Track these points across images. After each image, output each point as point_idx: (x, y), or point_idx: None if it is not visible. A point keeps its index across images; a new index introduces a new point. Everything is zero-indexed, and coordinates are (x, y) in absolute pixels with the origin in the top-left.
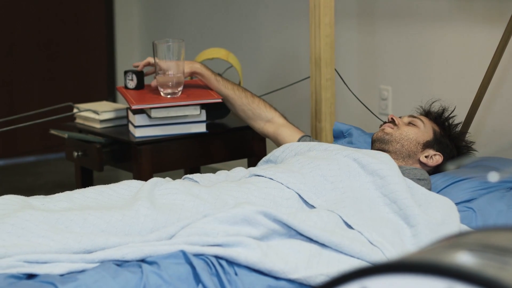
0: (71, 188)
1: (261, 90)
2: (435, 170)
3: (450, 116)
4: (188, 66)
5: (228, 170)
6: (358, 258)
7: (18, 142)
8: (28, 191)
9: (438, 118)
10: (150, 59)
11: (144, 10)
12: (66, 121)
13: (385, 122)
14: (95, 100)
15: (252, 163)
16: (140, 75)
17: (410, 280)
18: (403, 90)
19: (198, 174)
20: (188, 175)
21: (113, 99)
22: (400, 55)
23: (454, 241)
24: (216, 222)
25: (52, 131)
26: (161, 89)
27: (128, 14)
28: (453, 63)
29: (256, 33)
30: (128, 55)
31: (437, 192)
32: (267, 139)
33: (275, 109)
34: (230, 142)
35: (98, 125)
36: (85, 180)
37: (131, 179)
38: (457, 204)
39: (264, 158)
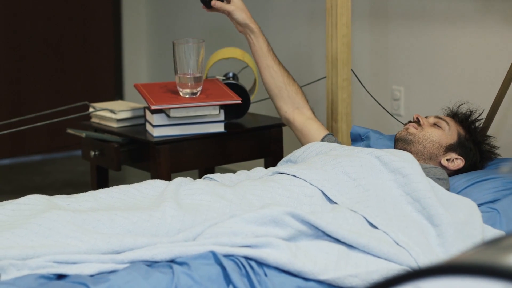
0: (80, 186)
1: None
2: (455, 173)
3: (477, 119)
4: (252, 20)
5: (243, 170)
6: (385, 259)
7: (26, 141)
8: (37, 190)
9: (464, 120)
10: None
11: (151, 9)
12: (81, 120)
13: (410, 121)
14: (103, 99)
15: (269, 163)
16: None
17: (465, 282)
18: (416, 91)
19: (218, 174)
20: (208, 175)
21: (120, 98)
22: (413, 55)
23: (505, 243)
24: (243, 222)
25: (69, 130)
26: (180, 89)
27: (135, 13)
28: (466, 64)
29: (267, 32)
30: (136, 54)
31: (459, 192)
32: (284, 139)
33: (307, 101)
34: (247, 142)
35: (114, 124)
36: (100, 179)
37: (148, 178)
38: (480, 204)
39: (284, 158)
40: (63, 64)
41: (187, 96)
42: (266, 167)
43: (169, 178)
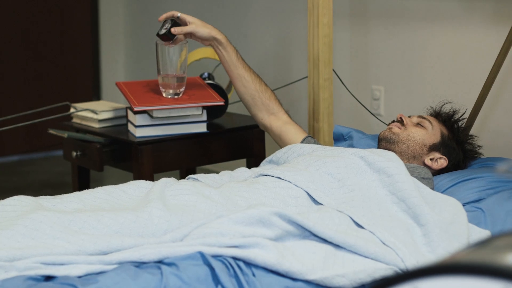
0: (59, 187)
1: None
2: (438, 172)
3: (460, 118)
4: (215, 31)
5: (227, 171)
6: (372, 259)
7: (4, 141)
8: (16, 191)
9: (447, 120)
10: (174, 12)
11: (129, 8)
12: (62, 120)
13: (393, 121)
14: (80, 99)
15: (252, 163)
16: (175, 25)
17: (464, 281)
18: (396, 90)
19: (202, 175)
20: (192, 176)
21: (98, 97)
22: (393, 55)
23: (498, 242)
24: (231, 222)
25: (51, 131)
26: (163, 89)
27: (113, 13)
28: (446, 64)
29: (246, 32)
30: (113, 54)
31: (443, 192)
32: (266, 140)
33: (281, 104)
34: (229, 142)
35: (96, 125)
36: (82, 180)
37: (129, 179)
38: (465, 204)
39: (266, 159)
40: (40, 65)
41: (169, 97)
42: (248, 167)
43: (151, 178)
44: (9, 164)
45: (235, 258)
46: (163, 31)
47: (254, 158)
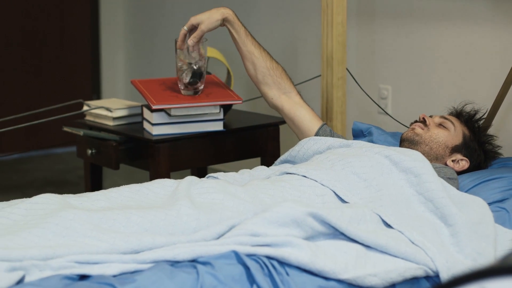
0: (61, 185)
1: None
2: (459, 173)
3: (481, 118)
4: (220, 12)
5: (246, 169)
6: (402, 259)
7: (1, 139)
8: (18, 189)
9: (469, 120)
10: (184, 30)
11: (129, 5)
12: (74, 118)
13: (416, 121)
14: (80, 97)
15: (266, 162)
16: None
17: None
18: (404, 90)
19: (222, 173)
20: (212, 174)
21: (98, 96)
22: (401, 54)
23: None
24: (265, 222)
25: (66, 128)
26: (182, 87)
27: (113, 10)
28: (454, 63)
29: (259, 30)
30: (113, 51)
31: (465, 192)
32: (281, 138)
33: (294, 84)
34: (244, 140)
35: (111, 123)
36: (95, 178)
37: (141, 176)
38: (489, 204)
39: (280, 158)
40: (40, 61)
41: (188, 95)
42: (262, 165)
43: (168, 177)
44: (8, 162)
45: (268, 257)
46: (188, 79)
47: (268, 157)
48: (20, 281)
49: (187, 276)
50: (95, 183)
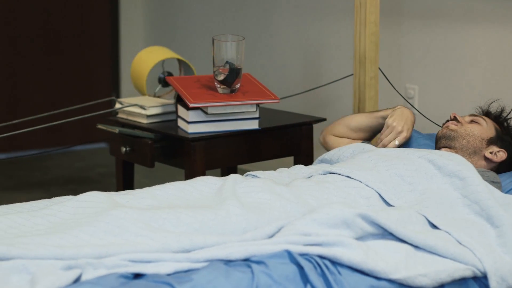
0: (84, 183)
1: (297, 88)
2: (497, 167)
3: (508, 114)
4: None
5: (283, 168)
6: (451, 259)
7: (22, 136)
8: (41, 186)
9: (497, 117)
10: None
11: (148, 3)
12: (105, 116)
13: (447, 121)
14: (100, 96)
15: (298, 161)
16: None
17: None
18: (430, 89)
19: (260, 172)
20: (250, 172)
21: (117, 95)
22: (427, 54)
23: None
24: (315, 224)
25: (100, 126)
26: (218, 85)
27: (133, 9)
28: (481, 63)
29: (291, 30)
30: (133, 50)
31: (506, 193)
32: (314, 137)
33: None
34: (278, 139)
35: (144, 120)
36: (127, 176)
37: (180, 175)
38: None
39: (319, 158)
40: (59, 61)
41: (225, 93)
42: (295, 164)
43: (203, 175)
44: (28, 159)
45: (321, 257)
46: (225, 77)
47: (302, 156)
48: (77, 279)
49: (243, 275)
50: (128, 182)
